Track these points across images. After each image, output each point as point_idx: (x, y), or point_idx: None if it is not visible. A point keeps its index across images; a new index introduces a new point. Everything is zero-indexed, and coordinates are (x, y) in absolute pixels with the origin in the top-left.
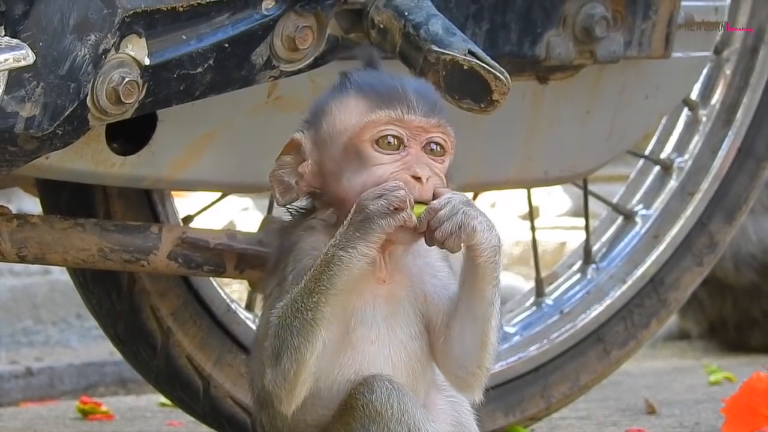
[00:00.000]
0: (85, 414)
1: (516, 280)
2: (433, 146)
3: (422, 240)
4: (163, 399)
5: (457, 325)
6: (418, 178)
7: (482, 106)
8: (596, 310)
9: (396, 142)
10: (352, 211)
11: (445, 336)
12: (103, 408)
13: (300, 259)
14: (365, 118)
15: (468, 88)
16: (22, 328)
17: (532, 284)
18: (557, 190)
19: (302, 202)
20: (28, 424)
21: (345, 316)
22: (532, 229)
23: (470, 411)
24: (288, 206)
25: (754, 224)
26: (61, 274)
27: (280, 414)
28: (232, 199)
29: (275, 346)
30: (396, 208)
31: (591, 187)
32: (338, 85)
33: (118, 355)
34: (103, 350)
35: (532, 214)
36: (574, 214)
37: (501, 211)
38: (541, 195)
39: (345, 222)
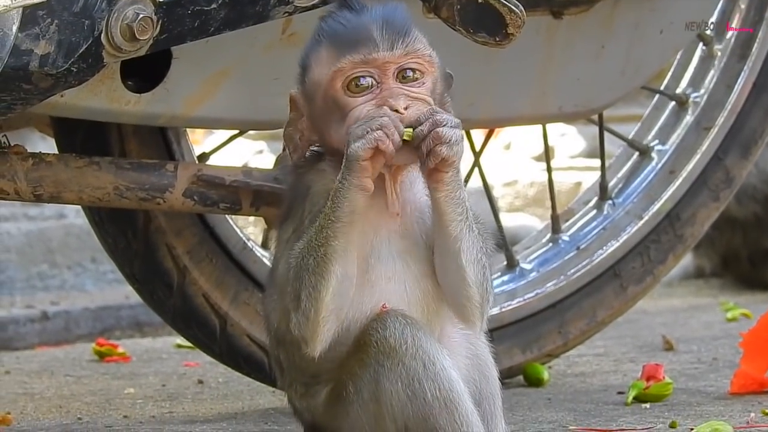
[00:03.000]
0: (102, 356)
1: (531, 221)
2: (408, 73)
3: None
4: (179, 340)
5: (438, 259)
6: (395, 110)
7: (497, 39)
8: (612, 246)
9: (367, 83)
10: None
11: (436, 270)
12: (120, 350)
13: (315, 202)
14: (332, 67)
15: (483, 22)
16: (38, 273)
17: (547, 223)
18: (571, 131)
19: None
20: (44, 366)
21: (360, 251)
22: (548, 166)
23: (486, 344)
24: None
25: None
26: (76, 218)
27: (298, 351)
28: (247, 142)
29: (295, 287)
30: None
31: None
32: (314, 34)
33: (133, 299)
34: (119, 294)
35: (548, 152)
36: (589, 155)
37: (515, 153)
38: (556, 136)
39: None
